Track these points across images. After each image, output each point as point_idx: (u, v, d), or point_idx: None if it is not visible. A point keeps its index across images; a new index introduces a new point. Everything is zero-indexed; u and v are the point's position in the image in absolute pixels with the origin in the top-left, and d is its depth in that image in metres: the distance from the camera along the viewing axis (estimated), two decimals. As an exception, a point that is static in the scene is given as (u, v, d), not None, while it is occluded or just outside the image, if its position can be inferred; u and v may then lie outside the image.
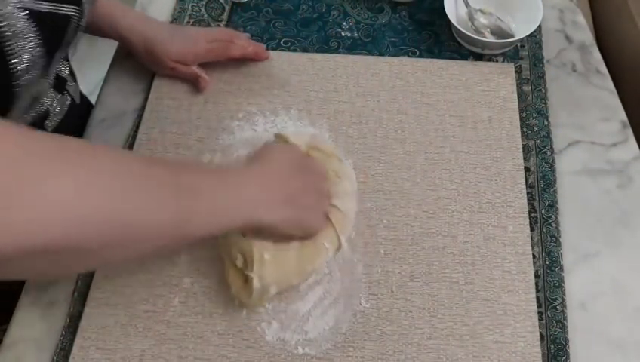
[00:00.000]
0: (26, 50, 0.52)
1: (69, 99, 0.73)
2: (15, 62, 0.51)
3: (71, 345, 0.60)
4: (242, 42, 0.77)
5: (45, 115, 0.68)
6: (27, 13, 0.51)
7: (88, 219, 0.41)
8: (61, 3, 0.55)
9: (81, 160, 0.43)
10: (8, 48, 0.50)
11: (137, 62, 0.78)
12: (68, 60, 0.74)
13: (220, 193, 0.52)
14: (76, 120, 0.76)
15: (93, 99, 0.78)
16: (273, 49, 0.81)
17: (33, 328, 0.62)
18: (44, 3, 0.53)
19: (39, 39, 0.53)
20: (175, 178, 0.49)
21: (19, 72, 0.52)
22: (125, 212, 0.44)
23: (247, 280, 0.58)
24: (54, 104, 0.69)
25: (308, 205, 0.58)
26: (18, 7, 0.50)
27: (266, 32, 0.83)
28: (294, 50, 0.81)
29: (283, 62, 0.79)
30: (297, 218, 0.57)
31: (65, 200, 0.40)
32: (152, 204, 0.46)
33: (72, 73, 0.75)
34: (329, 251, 0.62)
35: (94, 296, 0.62)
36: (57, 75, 0.70)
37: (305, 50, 0.81)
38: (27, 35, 0.51)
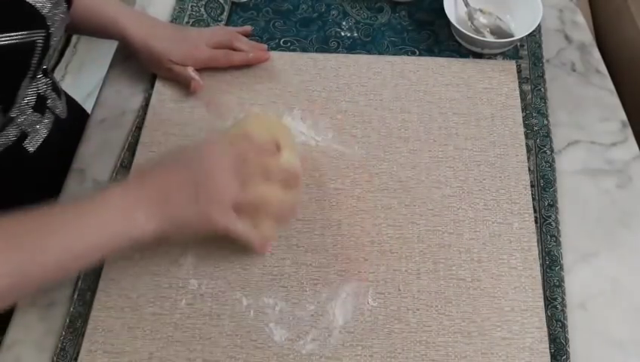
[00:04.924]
0: None
1: (52, 118, 0.70)
2: None
3: (71, 346, 0.59)
4: (242, 46, 0.77)
5: (22, 136, 0.66)
6: None
7: None
8: (23, 31, 0.53)
9: None
10: None
11: (137, 63, 0.77)
12: (49, 77, 0.71)
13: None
14: (64, 136, 0.73)
15: (92, 100, 0.77)
16: (273, 49, 0.80)
17: (32, 329, 0.61)
18: (3, 36, 0.51)
19: None
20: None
21: None
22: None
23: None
24: (32, 125, 0.67)
25: (179, 203, 0.55)
26: None
27: (265, 32, 0.83)
28: (294, 50, 0.81)
29: (285, 62, 0.79)
30: (169, 218, 0.55)
31: None
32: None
33: (55, 89, 0.72)
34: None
35: (100, 300, 0.61)
36: (37, 94, 0.67)
37: (304, 50, 0.81)
38: None
